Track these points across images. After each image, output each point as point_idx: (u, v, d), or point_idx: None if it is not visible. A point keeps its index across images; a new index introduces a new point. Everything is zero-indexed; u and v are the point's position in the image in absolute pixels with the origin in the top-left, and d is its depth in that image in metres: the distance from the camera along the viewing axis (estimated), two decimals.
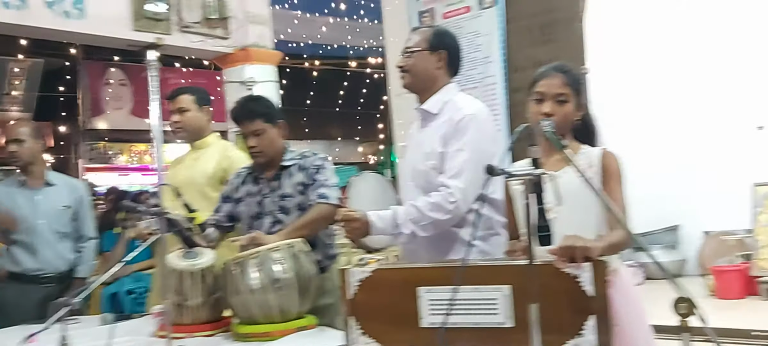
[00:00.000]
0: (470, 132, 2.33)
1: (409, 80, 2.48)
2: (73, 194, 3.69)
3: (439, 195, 2.30)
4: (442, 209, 2.29)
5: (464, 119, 2.35)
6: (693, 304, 1.46)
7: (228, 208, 2.87)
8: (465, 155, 2.31)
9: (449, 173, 2.32)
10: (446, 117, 2.40)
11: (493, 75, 5.95)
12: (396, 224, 2.31)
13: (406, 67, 2.46)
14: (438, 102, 2.46)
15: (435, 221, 2.29)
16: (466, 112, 2.37)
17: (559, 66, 2.08)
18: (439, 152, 2.36)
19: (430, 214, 2.29)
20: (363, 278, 1.74)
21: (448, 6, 6.35)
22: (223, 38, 6.98)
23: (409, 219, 2.30)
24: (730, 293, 6.56)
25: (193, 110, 3.34)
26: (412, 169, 2.51)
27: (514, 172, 1.61)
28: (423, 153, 2.43)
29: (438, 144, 2.38)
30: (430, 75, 2.46)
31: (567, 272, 1.55)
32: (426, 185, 2.39)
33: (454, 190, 2.28)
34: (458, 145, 2.33)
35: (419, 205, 2.31)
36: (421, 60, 2.44)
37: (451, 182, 2.30)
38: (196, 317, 2.40)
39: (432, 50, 2.45)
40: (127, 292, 4.58)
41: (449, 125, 2.36)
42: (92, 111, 14.33)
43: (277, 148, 2.75)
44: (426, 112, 2.48)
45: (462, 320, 1.60)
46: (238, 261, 2.31)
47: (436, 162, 2.37)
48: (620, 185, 1.97)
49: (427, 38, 2.45)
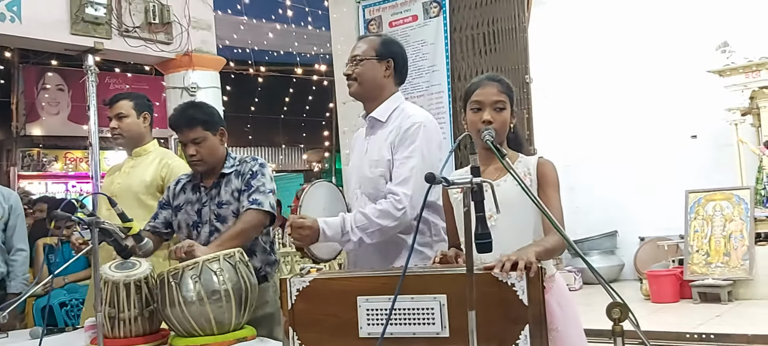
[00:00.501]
0: (418, 140, 2.36)
1: (357, 88, 2.49)
2: (5, 203, 3.53)
3: (386, 202, 2.32)
4: (389, 216, 2.30)
5: (412, 128, 2.37)
6: (626, 309, 1.49)
7: (166, 215, 2.79)
8: (413, 163, 2.33)
9: (397, 180, 2.34)
10: (394, 125, 2.43)
11: (438, 83, 6.03)
12: (344, 232, 2.31)
13: (354, 75, 2.47)
14: (386, 110, 2.48)
15: (383, 227, 2.31)
16: (415, 120, 2.40)
17: (492, 76, 2.14)
18: (387, 160, 2.39)
19: (378, 221, 2.30)
20: (302, 288, 1.72)
21: (394, 15, 6.41)
22: (166, 43, 6.82)
23: (357, 226, 2.30)
24: (664, 296, 6.82)
25: (132, 116, 3.26)
26: (359, 176, 2.50)
27: (454, 180, 1.61)
28: (371, 160, 2.45)
29: (386, 151, 2.40)
30: (378, 83, 2.48)
31: (503, 281, 1.56)
32: (374, 192, 2.41)
33: (401, 197, 2.30)
34: (406, 153, 2.36)
35: (367, 212, 2.32)
36: (369, 68, 2.45)
37: (398, 189, 2.32)
38: (130, 329, 2.32)
39: (380, 59, 2.46)
40: (60, 304, 4.41)
41: (397, 133, 2.39)
42: (27, 117, 13.81)
43: (218, 156, 2.69)
44: (374, 120, 2.49)
45: (400, 330, 1.59)
46: (174, 272, 2.24)
47: (384, 169, 2.39)
48: (556, 191, 2.02)
49: (375, 46, 2.47)
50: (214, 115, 2.73)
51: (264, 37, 13.35)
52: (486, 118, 2.01)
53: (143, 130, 3.31)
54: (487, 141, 1.84)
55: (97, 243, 2.12)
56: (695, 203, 7.18)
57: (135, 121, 3.27)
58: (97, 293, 2.08)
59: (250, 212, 2.56)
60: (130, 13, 6.58)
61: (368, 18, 6.52)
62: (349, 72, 2.47)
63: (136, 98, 3.33)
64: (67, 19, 6.21)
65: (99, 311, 2.06)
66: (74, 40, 6.28)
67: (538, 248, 1.75)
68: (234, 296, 2.24)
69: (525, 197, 1.82)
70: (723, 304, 6.39)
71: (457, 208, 2.08)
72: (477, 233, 1.53)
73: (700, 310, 6.26)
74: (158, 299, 2.28)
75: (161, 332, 2.44)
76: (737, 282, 6.63)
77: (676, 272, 6.94)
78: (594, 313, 3.26)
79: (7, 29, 5.91)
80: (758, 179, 7.08)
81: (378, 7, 6.45)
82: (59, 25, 6.19)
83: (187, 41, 6.88)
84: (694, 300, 6.62)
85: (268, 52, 13.99)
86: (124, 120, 3.25)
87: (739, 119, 7.27)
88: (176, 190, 2.79)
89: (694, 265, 6.90)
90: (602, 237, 8.62)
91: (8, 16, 5.90)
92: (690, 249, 7.00)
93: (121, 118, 3.25)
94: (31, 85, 13.87)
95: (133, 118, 3.27)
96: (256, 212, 2.56)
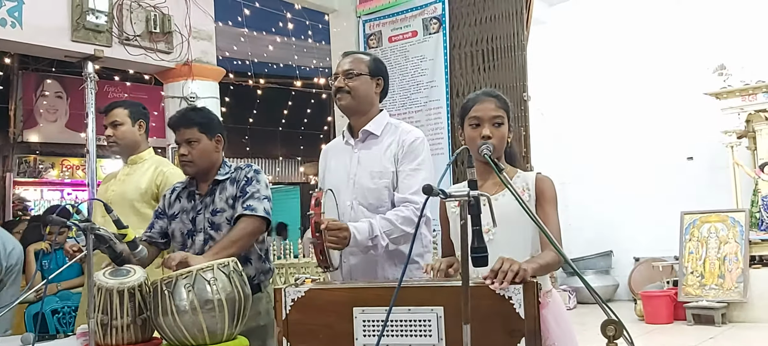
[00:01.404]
0: (423, 153, 2.50)
1: (350, 102, 2.54)
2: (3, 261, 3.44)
3: (408, 210, 2.40)
4: (412, 222, 2.38)
5: (417, 141, 2.51)
6: (621, 326, 1.49)
7: (162, 224, 2.78)
8: (424, 174, 2.46)
9: (411, 190, 2.43)
10: (393, 139, 2.52)
11: (437, 99, 6.05)
12: (373, 236, 2.34)
13: (347, 89, 2.53)
14: (379, 124, 2.57)
15: (406, 234, 2.39)
16: (417, 135, 2.54)
17: (489, 91, 2.16)
18: (391, 171, 2.48)
19: (402, 227, 2.38)
20: (297, 298, 1.71)
21: (394, 30, 6.43)
22: (166, 52, 6.83)
23: (384, 231, 2.36)
24: (658, 317, 6.81)
25: (127, 124, 3.26)
26: (357, 187, 2.53)
27: (452, 193, 1.61)
28: (372, 172, 2.51)
29: (389, 163, 2.49)
30: (370, 99, 2.57)
31: (500, 294, 1.56)
32: (376, 202, 2.48)
33: (420, 206, 2.37)
34: (414, 165, 2.47)
35: (391, 218, 2.38)
36: (364, 84, 2.54)
37: (415, 198, 2.40)
38: (122, 337, 2.31)
39: (372, 76, 2.56)
40: (52, 311, 4.37)
41: (400, 146, 2.50)
42: (25, 123, 13.79)
43: (211, 161, 2.68)
44: (368, 133, 2.56)
45: (396, 342, 1.59)
46: (167, 281, 2.23)
47: (387, 181, 2.48)
48: (554, 208, 2.02)
49: (368, 64, 2.57)
50: (212, 120, 2.74)
51: (264, 49, 13.38)
52: (485, 134, 2.02)
53: (138, 138, 3.31)
54: (486, 156, 1.85)
55: (92, 249, 2.11)
56: (690, 225, 7.19)
57: (130, 129, 3.27)
58: (90, 300, 2.07)
59: (244, 219, 2.55)
60: (131, 22, 6.59)
61: (368, 33, 6.55)
62: (342, 85, 2.53)
63: (132, 106, 3.33)
64: (68, 25, 6.22)
65: (91, 318, 2.04)
66: (74, 46, 6.28)
67: (534, 264, 1.75)
68: (227, 306, 2.22)
69: (523, 213, 1.82)
70: (717, 326, 6.39)
71: (454, 222, 2.08)
72: (473, 247, 1.52)
73: (693, 332, 6.26)
74: (151, 307, 2.26)
75: (153, 340, 2.42)
76: (731, 304, 6.63)
77: (671, 293, 6.94)
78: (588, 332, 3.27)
79: (7, 35, 5.91)
80: (753, 201, 7.10)
81: (378, 22, 6.47)
82: (60, 31, 6.19)
83: (187, 51, 6.89)
84: (688, 322, 6.61)
85: (267, 65, 14.01)
86: (119, 128, 3.25)
87: (735, 142, 7.30)
88: (171, 198, 2.78)
89: (688, 286, 6.90)
90: (597, 256, 8.62)
91: (9, 21, 5.91)
92: (684, 270, 7.00)
93: (116, 126, 3.25)
94: (30, 92, 13.87)
95: (128, 126, 3.26)
96: (251, 219, 2.55)
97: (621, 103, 8.46)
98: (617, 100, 8.49)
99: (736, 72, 7.31)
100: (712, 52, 7.59)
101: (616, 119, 8.51)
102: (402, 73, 6.14)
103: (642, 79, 8.32)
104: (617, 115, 8.50)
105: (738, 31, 7.58)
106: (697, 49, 7.82)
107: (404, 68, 6.16)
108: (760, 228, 6.96)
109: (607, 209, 8.42)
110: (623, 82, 8.43)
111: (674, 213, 7.34)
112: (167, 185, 3.04)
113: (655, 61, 8.28)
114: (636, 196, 8.29)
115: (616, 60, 8.52)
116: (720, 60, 7.44)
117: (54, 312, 4.35)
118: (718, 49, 7.58)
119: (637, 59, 8.40)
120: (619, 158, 8.49)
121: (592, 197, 8.42)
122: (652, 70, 8.27)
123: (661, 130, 8.23)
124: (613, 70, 8.51)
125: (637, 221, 8.20)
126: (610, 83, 8.51)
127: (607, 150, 8.56)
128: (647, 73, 8.29)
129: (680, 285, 6.94)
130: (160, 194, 3.09)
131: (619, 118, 8.49)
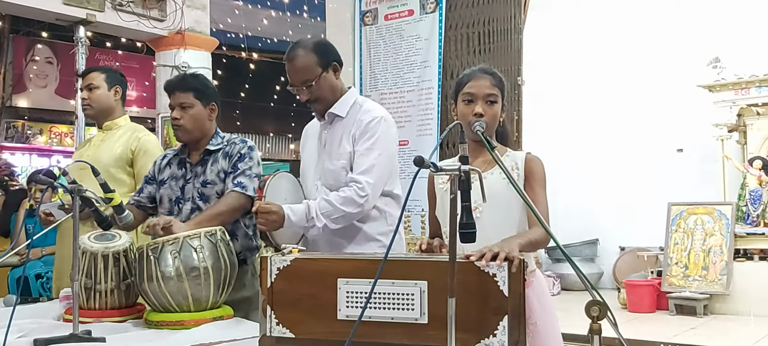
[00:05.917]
0: (379, 132, 2.46)
1: (322, 107, 2.54)
2: None
3: (350, 190, 2.41)
4: (353, 203, 2.40)
5: (373, 121, 2.47)
6: (605, 307, 1.49)
7: (150, 189, 2.77)
8: (375, 154, 2.44)
9: (359, 169, 2.43)
10: (354, 118, 2.51)
11: (429, 79, 6.01)
12: (309, 217, 2.38)
13: (313, 98, 2.49)
14: (345, 105, 2.55)
15: (346, 214, 2.40)
16: (375, 115, 2.49)
17: (485, 68, 2.14)
18: (349, 152, 2.48)
19: (343, 207, 2.39)
20: (282, 267, 1.71)
21: (390, 8, 6.38)
22: (159, 20, 6.77)
23: (321, 212, 2.38)
24: (641, 306, 6.87)
25: (102, 89, 3.24)
26: (320, 168, 2.56)
27: (442, 166, 1.60)
28: (331, 153, 2.52)
29: (347, 144, 2.48)
30: (334, 89, 2.54)
31: (485, 271, 1.56)
32: (335, 183, 2.48)
33: (364, 185, 2.40)
34: (368, 145, 2.45)
35: (331, 199, 2.40)
36: (323, 82, 2.49)
37: (361, 178, 2.41)
38: (106, 302, 2.30)
39: (325, 68, 2.50)
40: (36, 276, 4.35)
41: (358, 126, 2.48)
42: (14, 87, 13.66)
43: (203, 129, 2.67)
44: (333, 115, 2.56)
45: (379, 314, 1.58)
46: (154, 246, 2.22)
47: (345, 162, 2.48)
48: (543, 188, 2.02)
49: (316, 61, 2.47)
50: (208, 88, 2.73)
51: (258, 23, 13.27)
52: (478, 111, 2.01)
53: (113, 103, 3.29)
54: (478, 132, 1.83)
55: (78, 212, 2.09)
56: (677, 216, 7.23)
57: (105, 93, 3.25)
58: (75, 262, 2.05)
59: (232, 195, 2.55)
60: None
61: (364, 10, 6.49)
62: (307, 97, 2.49)
63: (109, 72, 3.32)
64: None
65: (75, 280, 2.03)
66: (66, 10, 6.22)
67: (521, 239, 1.75)
68: (213, 274, 2.22)
69: (511, 191, 1.82)
70: (698, 317, 6.46)
71: (441, 197, 2.07)
72: (461, 223, 1.52)
73: (675, 322, 6.32)
74: (136, 272, 2.26)
75: (137, 306, 2.42)
76: (714, 296, 6.69)
77: (654, 282, 7.00)
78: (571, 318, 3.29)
79: None
80: (741, 195, 7.15)
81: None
82: None
83: (180, 19, 6.83)
84: (671, 312, 6.68)
85: (261, 39, 13.90)
86: (94, 91, 3.23)
87: (725, 135, 7.33)
88: (162, 164, 2.77)
89: (672, 277, 6.96)
90: (583, 245, 8.67)
91: None
92: (669, 261, 7.05)
93: (91, 89, 3.23)
94: (20, 56, 13.73)
95: (103, 90, 3.24)
96: (239, 195, 2.56)
97: (614, 92, 8.46)
98: (610, 89, 8.49)
99: (730, 65, 7.33)
100: (706, 44, 7.59)
101: (608, 108, 8.52)
102: (396, 52, 6.10)
103: (636, 70, 8.32)
104: (609, 104, 8.51)
105: (733, 25, 7.59)
106: (691, 42, 7.82)
107: (398, 47, 6.12)
108: (746, 222, 7.01)
109: (595, 197, 8.45)
110: (617, 71, 8.43)
111: (662, 204, 7.38)
112: (142, 151, 3.06)
113: (650, 52, 8.28)
114: (624, 185, 8.32)
115: (611, 49, 8.51)
116: (714, 53, 7.45)
117: (37, 276, 4.34)
118: (713, 42, 7.58)
119: (631, 49, 8.40)
120: (609, 147, 8.50)
121: (580, 185, 8.44)
122: (646, 60, 8.27)
123: (652, 121, 8.25)
124: (606, 59, 8.51)
125: (624, 210, 8.24)
126: (603, 72, 8.51)
127: (598, 138, 8.57)
128: (640, 64, 8.29)
129: (664, 275, 7.00)
130: (135, 159, 3.11)
131: (611, 106, 8.50)
